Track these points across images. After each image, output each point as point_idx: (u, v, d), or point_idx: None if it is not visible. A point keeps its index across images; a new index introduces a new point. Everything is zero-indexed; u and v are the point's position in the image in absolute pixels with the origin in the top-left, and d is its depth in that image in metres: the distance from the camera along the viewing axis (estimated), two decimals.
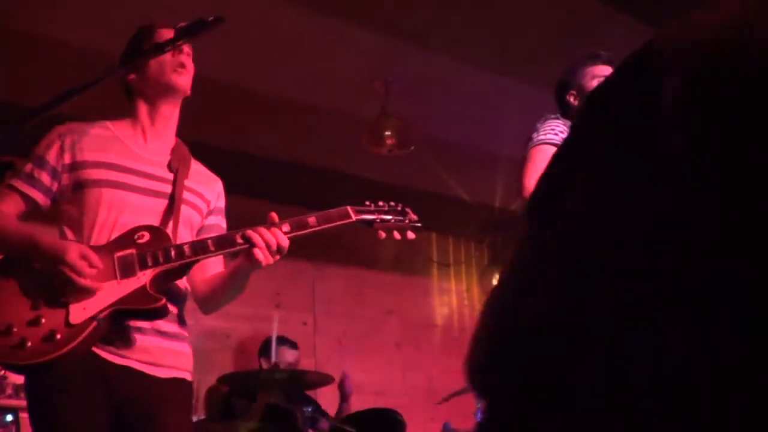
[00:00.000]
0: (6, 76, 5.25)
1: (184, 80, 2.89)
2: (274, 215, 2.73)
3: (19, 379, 4.44)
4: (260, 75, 5.82)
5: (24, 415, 5.24)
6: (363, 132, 6.18)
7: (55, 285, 2.53)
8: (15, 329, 2.48)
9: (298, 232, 2.76)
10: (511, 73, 5.85)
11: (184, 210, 2.83)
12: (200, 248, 2.69)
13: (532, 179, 3.35)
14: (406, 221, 3.09)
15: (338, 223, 2.85)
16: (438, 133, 6.64)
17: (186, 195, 2.86)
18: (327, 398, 7.11)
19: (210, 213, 3.00)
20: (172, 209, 2.79)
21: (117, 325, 2.60)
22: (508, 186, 7.02)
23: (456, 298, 9.30)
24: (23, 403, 5.49)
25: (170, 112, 2.93)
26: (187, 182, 2.87)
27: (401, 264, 8.79)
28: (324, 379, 5.85)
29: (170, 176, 2.85)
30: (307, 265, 7.97)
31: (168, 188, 2.83)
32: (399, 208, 3.09)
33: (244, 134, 6.52)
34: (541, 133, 3.55)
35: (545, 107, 3.81)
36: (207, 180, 3.03)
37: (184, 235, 2.81)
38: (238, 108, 6.15)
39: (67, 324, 2.50)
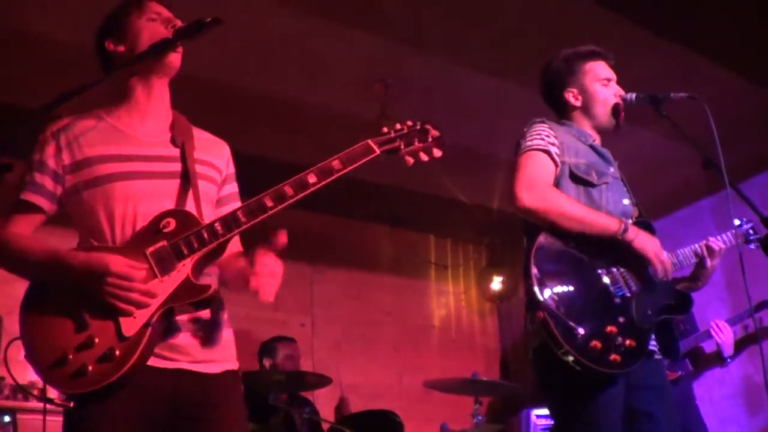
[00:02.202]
0: (3, 76, 5.26)
1: (178, 58, 2.76)
2: (283, 237, 2.55)
3: (17, 380, 4.42)
4: (259, 76, 5.83)
5: (21, 417, 5.25)
6: (362, 134, 6.18)
7: (103, 300, 2.38)
8: (70, 356, 2.34)
9: (326, 180, 2.63)
10: (509, 76, 5.86)
11: (202, 185, 2.70)
12: (233, 222, 2.53)
13: (522, 187, 3.26)
14: (429, 139, 2.82)
15: (364, 160, 2.72)
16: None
17: (199, 168, 2.73)
18: (324, 399, 7.12)
19: (224, 181, 2.89)
20: (188, 187, 2.66)
21: (167, 324, 2.48)
22: (506, 188, 7.03)
23: (454, 300, 9.30)
24: (21, 404, 5.51)
25: (164, 87, 2.81)
26: (196, 154, 2.75)
27: (399, 266, 8.80)
28: (322, 381, 5.85)
29: (176, 152, 2.72)
30: (305, 267, 7.98)
31: (177, 166, 2.69)
32: (418, 127, 2.85)
33: (242, 135, 6.47)
34: (528, 139, 3.43)
35: (544, 110, 3.75)
36: (214, 146, 2.91)
37: (207, 211, 2.67)
38: (236, 109, 6.15)
39: (121, 338, 2.36)
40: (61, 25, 4.88)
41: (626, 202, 3.50)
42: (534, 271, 3.13)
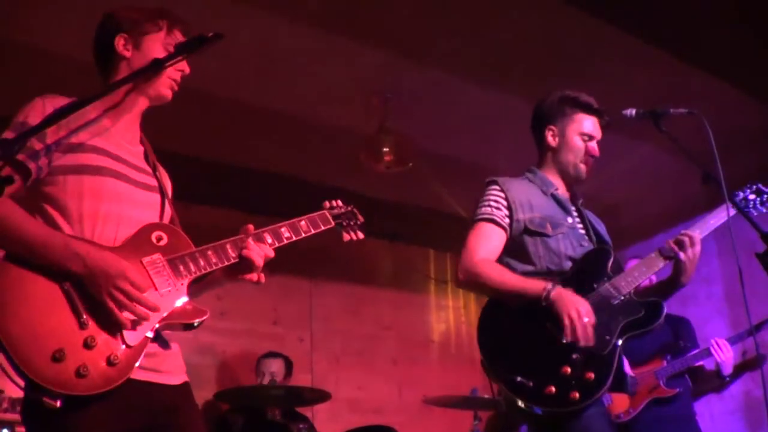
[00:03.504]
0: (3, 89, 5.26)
1: (171, 94, 2.78)
2: (251, 227, 2.74)
3: (16, 393, 4.41)
4: (259, 90, 5.84)
5: (20, 430, 5.23)
6: (361, 148, 6.19)
7: (105, 301, 2.31)
8: (68, 353, 2.21)
9: (296, 238, 2.86)
10: (508, 90, 5.86)
11: (170, 204, 2.75)
12: (223, 255, 2.62)
13: (462, 264, 3.57)
14: (358, 222, 3.18)
15: (323, 228, 2.99)
16: (436, 149, 6.65)
17: (167, 189, 2.79)
18: (323, 414, 7.10)
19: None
20: (164, 204, 2.71)
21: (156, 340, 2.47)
22: None
23: (453, 314, 9.28)
24: (19, 417, 5.50)
25: (146, 106, 2.79)
26: (159, 174, 2.78)
27: (399, 280, 8.78)
28: (320, 396, 5.84)
29: (149, 168, 2.74)
30: (303, 282, 7.96)
31: (153, 181, 2.72)
32: (350, 209, 3.18)
33: (242, 149, 6.52)
34: (480, 205, 3.67)
35: None
36: (164, 172, 2.89)
37: None
38: (237, 123, 6.16)
39: (125, 344, 2.33)
40: (63, 38, 4.89)
41: (585, 244, 3.63)
42: (481, 340, 3.41)
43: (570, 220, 3.65)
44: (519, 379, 3.20)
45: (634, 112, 3.57)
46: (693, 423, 5.59)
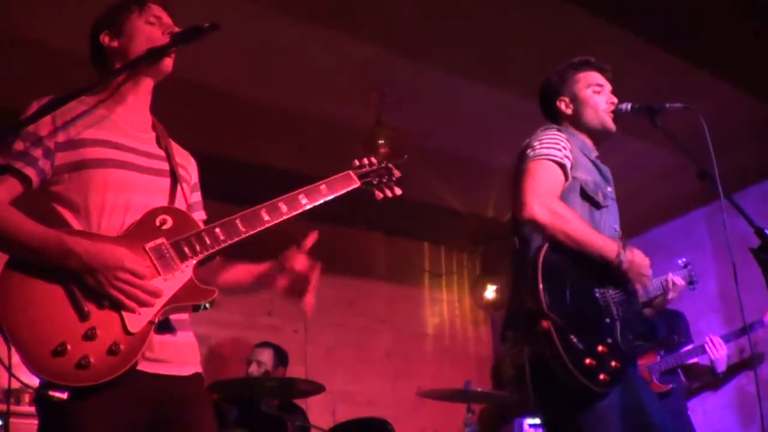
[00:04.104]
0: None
1: (170, 63, 2.76)
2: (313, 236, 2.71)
3: (6, 384, 4.40)
4: (256, 84, 5.84)
5: (14, 421, 5.23)
6: (357, 141, 6.19)
7: (107, 292, 2.32)
8: (69, 346, 2.23)
9: (313, 203, 2.76)
10: (504, 86, 5.87)
11: (185, 188, 2.72)
12: (232, 230, 2.56)
13: (533, 197, 3.17)
14: (393, 178, 3.04)
15: (345, 190, 2.88)
16: (432, 143, 6.66)
17: (181, 172, 2.75)
18: (317, 407, 7.11)
19: (193, 189, 2.89)
20: (176, 187, 2.68)
21: (164, 324, 2.46)
22: (501, 197, 7.04)
23: (447, 308, 9.31)
24: (13, 408, 5.49)
25: (150, 88, 2.80)
26: (176, 158, 2.76)
27: (393, 273, 8.80)
28: (314, 388, 5.84)
29: (162, 153, 2.72)
30: None
31: (166, 165, 2.69)
32: (383, 165, 3.05)
33: (239, 143, 6.52)
34: (545, 145, 3.32)
35: (539, 119, 3.72)
36: (187, 156, 2.91)
37: (192, 214, 2.69)
38: (233, 116, 6.17)
39: (127, 332, 2.31)
40: (58, 30, 4.88)
41: (616, 227, 3.47)
42: (541, 281, 3.07)
43: (610, 189, 3.49)
44: (573, 337, 3.00)
45: (629, 106, 3.55)
46: (685, 417, 5.60)
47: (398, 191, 3.01)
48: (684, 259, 4.17)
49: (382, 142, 6.16)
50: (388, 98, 6.03)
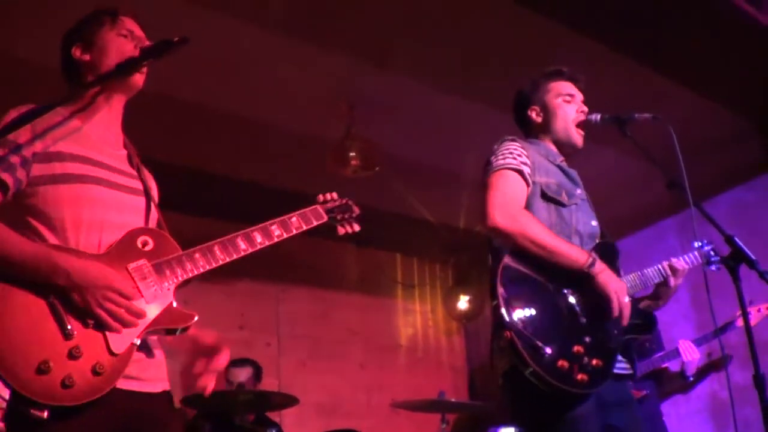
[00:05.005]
0: None
1: (141, 78, 2.75)
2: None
3: None
4: (225, 95, 5.80)
5: None
6: (328, 153, 6.18)
7: (91, 311, 2.29)
8: (52, 364, 2.19)
9: (287, 235, 2.84)
10: (474, 96, 5.88)
11: (155, 208, 2.72)
12: (211, 256, 2.59)
13: (495, 207, 3.23)
14: (354, 215, 3.17)
15: (316, 224, 2.97)
16: (402, 154, 6.66)
17: (152, 192, 2.76)
18: (291, 419, 7.08)
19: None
20: (150, 207, 2.68)
21: (141, 343, 2.44)
22: (473, 207, 7.05)
23: (420, 318, 9.31)
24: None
25: (122, 105, 2.77)
26: (144, 177, 2.76)
27: (366, 285, 8.78)
28: (288, 401, 5.81)
29: (134, 172, 2.71)
30: (270, 286, 7.93)
31: (139, 185, 2.69)
32: (344, 202, 3.16)
33: (207, 154, 6.49)
34: (500, 157, 3.39)
35: (509, 129, 3.73)
36: (150, 176, 2.87)
37: None
38: (201, 128, 6.13)
39: (111, 353, 2.30)
40: (25, 41, 4.85)
41: (594, 223, 3.50)
42: (501, 291, 3.10)
43: (579, 191, 3.53)
44: (539, 343, 3.00)
45: (599, 117, 3.57)
46: (660, 424, 5.63)
47: (357, 227, 3.15)
48: (700, 242, 4.03)
49: (353, 154, 6.15)
50: (357, 109, 6.02)
